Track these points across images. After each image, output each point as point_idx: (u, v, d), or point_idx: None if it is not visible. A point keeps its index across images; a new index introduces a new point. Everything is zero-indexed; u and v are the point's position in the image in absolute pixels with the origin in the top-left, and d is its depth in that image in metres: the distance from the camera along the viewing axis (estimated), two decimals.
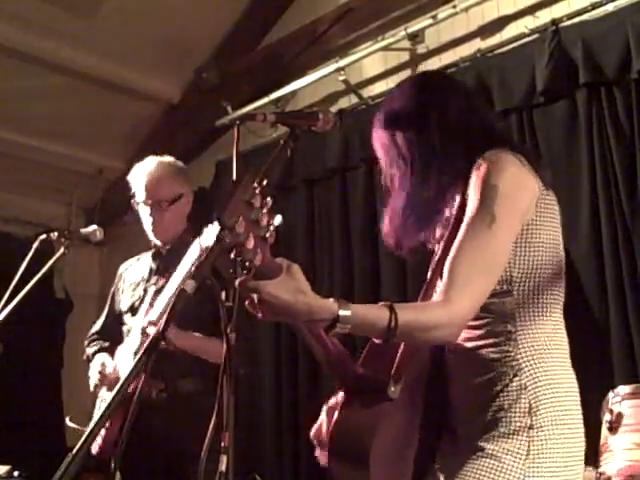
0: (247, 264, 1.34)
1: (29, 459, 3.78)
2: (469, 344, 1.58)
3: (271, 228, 1.34)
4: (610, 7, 3.40)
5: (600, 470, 2.42)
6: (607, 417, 2.46)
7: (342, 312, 1.38)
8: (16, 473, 3.30)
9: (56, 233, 2.91)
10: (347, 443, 1.56)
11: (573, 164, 3.40)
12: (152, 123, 5.43)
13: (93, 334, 3.11)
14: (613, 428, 2.43)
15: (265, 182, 1.36)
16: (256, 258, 1.33)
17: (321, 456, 1.64)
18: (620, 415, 2.43)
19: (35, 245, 2.85)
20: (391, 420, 1.54)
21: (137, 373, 1.22)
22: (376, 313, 1.42)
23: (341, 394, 1.66)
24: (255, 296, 1.36)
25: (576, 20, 3.50)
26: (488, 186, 1.53)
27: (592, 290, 3.23)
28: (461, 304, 1.46)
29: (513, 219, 1.54)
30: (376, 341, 1.57)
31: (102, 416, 1.21)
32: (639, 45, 3.19)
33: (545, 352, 1.55)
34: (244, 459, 3.96)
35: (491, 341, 1.56)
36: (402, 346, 1.55)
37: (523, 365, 1.53)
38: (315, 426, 1.69)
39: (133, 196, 2.92)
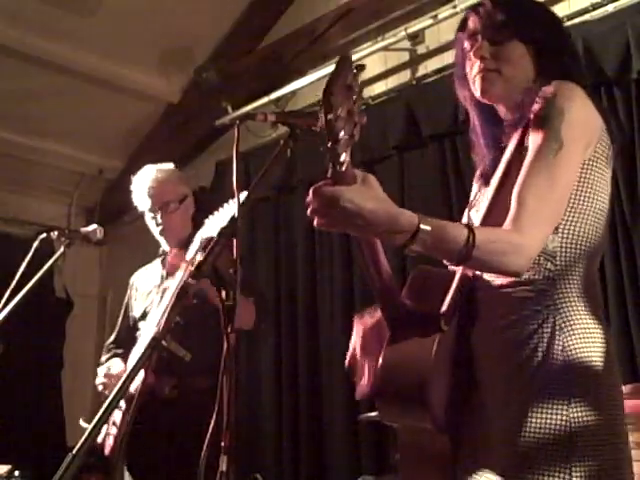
0: (336, 159, 1.26)
1: (29, 459, 3.79)
2: (500, 281, 1.50)
3: (358, 126, 1.25)
4: (610, 8, 3.41)
5: None
6: None
7: (423, 226, 1.29)
8: (16, 473, 3.30)
9: (56, 232, 2.90)
10: (399, 379, 1.46)
11: None
12: (152, 123, 5.44)
13: (109, 344, 3.13)
14: None
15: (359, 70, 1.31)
16: (344, 155, 1.26)
17: (360, 387, 1.58)
18: None
19: (35, 244, 2.85)
20: (442, 355, 1.45)
21: (138, 371, 1.23)
22: (455, 230, 1.34)
23: (378, 314, 1.60)
24: (327, 202, 1.27)
25: (576, 20, 3.50)
26: (557, 111, 1.46)
27: None
28: (533, 235, 1.39)
29: (580, 148, 1.48)
30: (418, 277, 1.55)
31: (102, 416, 1.22)
32: (639, 45, 3.20)
33: (582, 298, 1.47)
34: (244, 459, 3.96)
35: (528, 277, 1.47)
36: (454, 283, 1.48)
37: (559, 306, 1.45)
38: (349, 352, 1.63)
39: (137, 209, 2.96)
